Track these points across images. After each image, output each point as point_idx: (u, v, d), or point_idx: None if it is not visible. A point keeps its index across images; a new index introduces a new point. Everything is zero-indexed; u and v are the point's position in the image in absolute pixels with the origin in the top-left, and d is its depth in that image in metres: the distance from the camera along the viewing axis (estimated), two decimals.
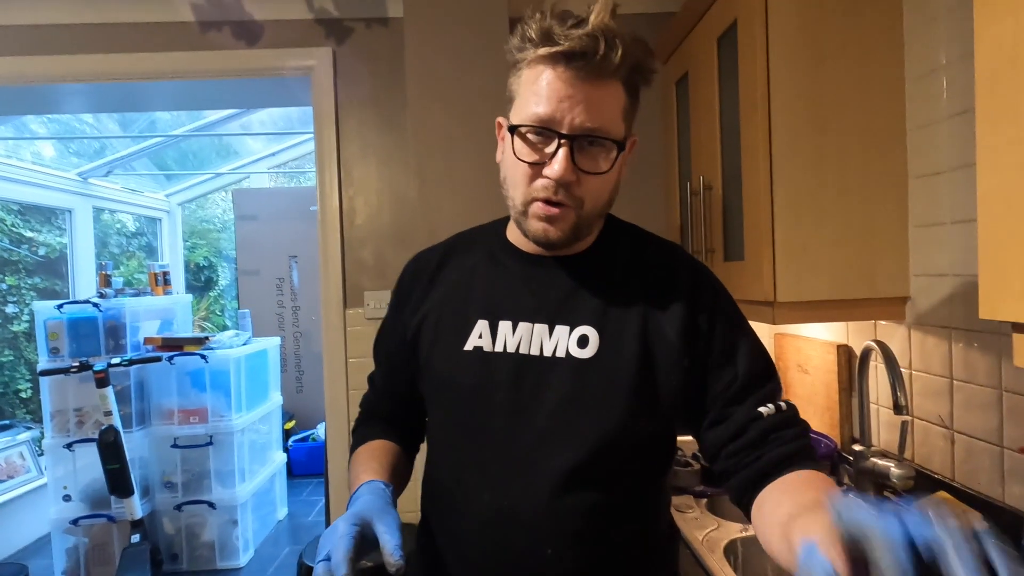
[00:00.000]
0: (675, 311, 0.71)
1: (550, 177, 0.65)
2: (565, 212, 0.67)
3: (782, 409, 0.68)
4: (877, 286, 1.21)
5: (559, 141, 0.64)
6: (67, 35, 1.81)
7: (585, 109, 0.63)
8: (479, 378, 0.72)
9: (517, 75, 0.69)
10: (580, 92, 0.63)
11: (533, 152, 0.66)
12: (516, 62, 0.68)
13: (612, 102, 0.66)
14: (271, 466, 3.25)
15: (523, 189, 0.68)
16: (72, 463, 2.67)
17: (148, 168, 4.49)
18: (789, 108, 1.19)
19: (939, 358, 1.14)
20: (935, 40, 1.12)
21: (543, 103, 0.64)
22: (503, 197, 0.72)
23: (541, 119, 0.64)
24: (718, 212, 1.44)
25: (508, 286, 0.75)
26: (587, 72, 0.63)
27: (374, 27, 1.83)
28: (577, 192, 0.66)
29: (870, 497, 1.21)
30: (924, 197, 1.16)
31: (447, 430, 0.76)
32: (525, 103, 0.66)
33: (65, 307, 2.68)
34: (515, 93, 0.69)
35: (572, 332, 0.70)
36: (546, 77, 0.64)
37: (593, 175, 0.66)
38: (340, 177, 1.85)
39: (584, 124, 0.64)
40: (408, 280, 0.82)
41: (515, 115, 0.68)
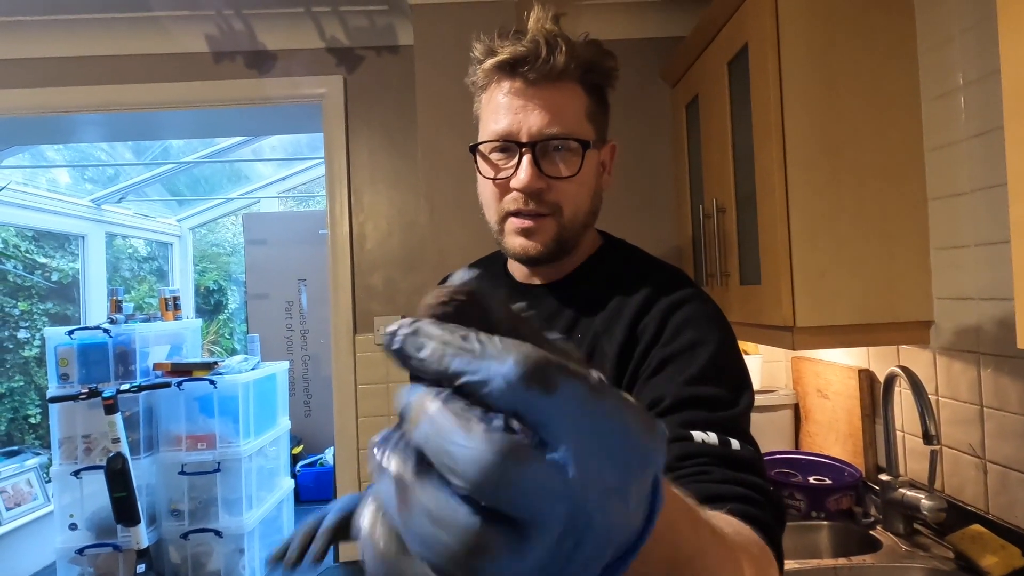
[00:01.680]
0: (621, 327, 0.63)
1: (517, 188, 0.64)
2: (543, 223, 0.65)
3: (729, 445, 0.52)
4: (899, 310, 1.18)
5: (520, 151, 0.63)
6: (83, 67, 1.84)
7: (541, 114, 0.63)
8: None
9: (477, 102, 0.69)
10: (533, 99, 0.63)
11: (499, 167, 0.66)
12: (476, 91, 0.69)
13: (570, 103, 0.64)
14: (279, 492, 3.20)
15: (495, 206, 0.67)
16: (79, 491, 2.64)
17: (160, 194, 4.55)
18: (803, 131, 1.18)
19: (967, 384, 1.10)
20: (951, 61, 1.11)
21: (499, 117, 0.64)
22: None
23: (499, 134, 0.64)
24: (732, 235, 1.42)
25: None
26: (535, 76, 0.62)
27: (384, 55, 1.85)
28: (550, 198, 0.65)
29: (899, 531, 1.17)
30: (945, 219, 1.14)
31: None
32: (485, 123, 0.67)
33: (76, 333, 2.69)
34: (478, 117, 0.70)
35: None
36: (499, 93, 0.65)
37: (562, 179, 0.64)
38: (350, 203, 1.85)
39: (542, 130, 0.63)
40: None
41: (479, 136, 0.69)
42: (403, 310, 1.84)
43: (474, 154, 0.67)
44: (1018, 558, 0.96)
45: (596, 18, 1.86)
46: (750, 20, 1.26)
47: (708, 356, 0.59)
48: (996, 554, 0.97)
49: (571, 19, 2.09)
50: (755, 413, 1.92)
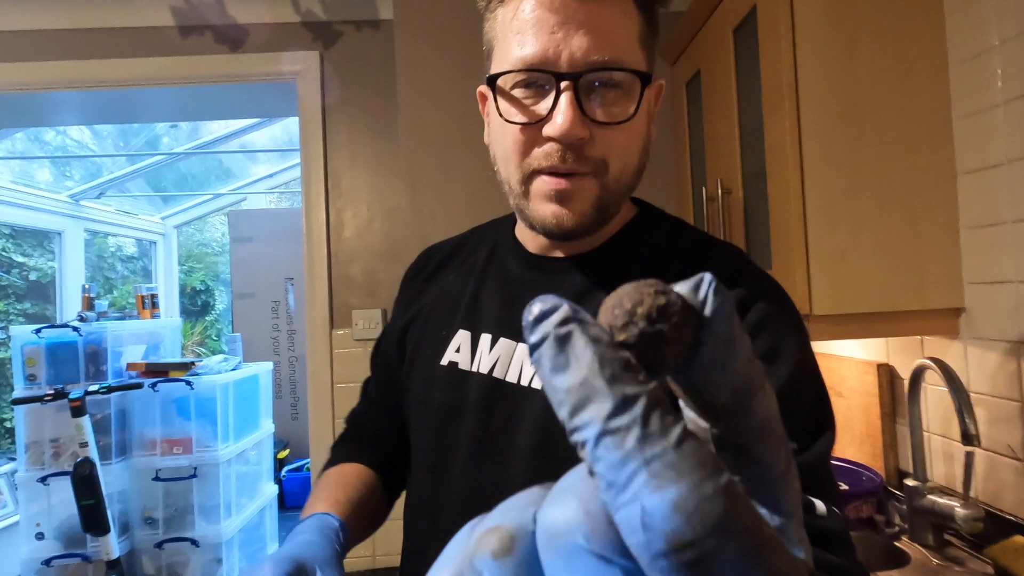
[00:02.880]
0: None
1: (553, 136, 0.47)
2: (581, 184, 0.49)
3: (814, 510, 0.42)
4: (926, 297, 1.06)
5: (558, 85, 0.47)
6: (43, 40, 1.72)
7: (587, 35, 0.46)
8: (448, 401, 0.57)
9: (491, 20, 0.53)
10: (577, 14, 0.46)
11: (527, 108, 0.49)
12: (487, 2, 0.53)
13: (623, 22, 0.48)
14: (261, 499, 3.06)
15: (518, 161, 0.50)
16: (47, 498, 2.50)
17: (143, 190, 4.42)
18: (819, 99, 1.06)
19: (1006, 378, 0.99)
20: (983, 18, 0.99)
21: (528, 39, 0.47)
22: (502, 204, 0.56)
23: (529, 61, 0.47)
24: (739, 218, 1.30)
25: (498, 293, 0.59)
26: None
27: (364, 30, 1.73)
28: (593, 153, 0.48)
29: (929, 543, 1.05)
30: (977, 194, 1.03)
31: (415, 463, 0.62)
32: (506, 48, 0.49)
33: (44, 332, 2.55)
34: (492, 42, 0.53)
35: None
36: (527, 4, 0.47)
37: (613, 125, 0.48)
38: (327, 188, 1.73)
39: (589, 56, 0.46)
40: (410, 275, 0.71)
41: (496, 65, 0.51)
42: (384, 303, 1.72)
43: (492, 89, 0.50)
44: None
45: None
46: None
47: (788, 374, 0.47)
48: None
49: None
50: None
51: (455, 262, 0.67)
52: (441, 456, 0.57)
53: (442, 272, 0.67)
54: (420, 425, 0.61)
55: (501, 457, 0.53)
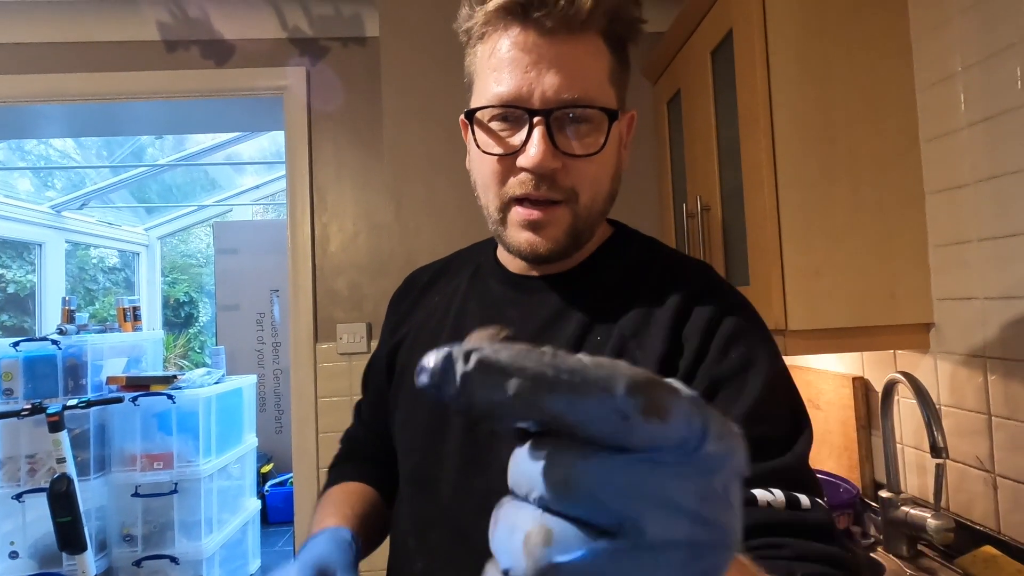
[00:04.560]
0: (659, 333, 0.52)
1: (526, 167, 0.50)
2: (554, 213, 0.52)
3: (800, 505, 0.44)
4: (897, 312, 1.09)
5: (531, 120, 0.50)
6: (30, 55, 1.71)
7: (557, 73, 0.49)
8: (435, 419, 0.58)
9: (471, 56, 0.56)
10: (547, 53, 0.49)
11: (502, 140, 0.52)
12: (468, 39, 0.55)
13: (592, 61, 0.51)
14: (243, 514, 3.02)
15: (495, 190, 0.53)
16: (21, 516, 2.45)
17: (127, 201, 4.38)
18: (792, 121, 1.10)
19: (973, 391, 1.02)
20: (947, 45, 1.04)
21: (504, 76, 0.50)
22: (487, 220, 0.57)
23: (504, 98, 0.50)
24: (718, 234, 1.33)
25: (482, 312, 0.61)
26: (552, 25, 0.49)
27: (350, 46, 1.75)
28: (565, 182, 0.52)
29: (903, 553, 1.07)
30: (944, 213, 1.06)
31: (402, 481, 0.63)
32: (484, 83, 0.52)
33: (21, 345, 2.51)
34: (472, 76, 0.56)
35: None
36: (503, 44, 0.50)
37: (583, 157, 0.51)
38: (313, 203, 1.73)
39: (560, 94, 0.49)
40: (396, 299, 0.73)
41: (474, 101, 0.55)
42: (369, 317, 1.72)
43: (470, 122, 0.54)
44: None
45: None
46: (735, 5, 1.19)
47: (763, 383, 0.49)
48: None
49: None
50: None
51: (439, 284, 0.69)
52: (428, 473, 0.58)
53: (427, 295, 0.69)
54: (407, 444, 0.62)
55: (485, 471, 0.54)
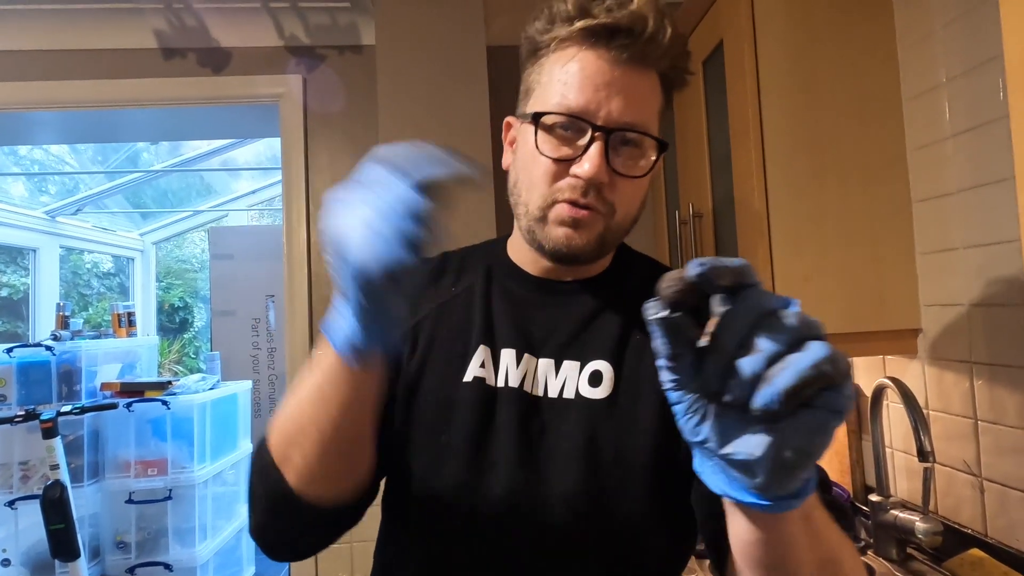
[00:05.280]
0: None
1: (580, 176, 0.54)
2: (593, 217, 0.56)
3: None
4: (885, 318, 1.11)
5: (593, 134, 0.54)
6: (27, 62, 1.72)
7: (625, 99, 0.53)
8: (480, 418, 0.57)
9: (537, 65, 0.58)
10: (621, 79, 0.53)
11: (560, 146, 0.55)
12: (536, 49, 0.58)
13: (651, 95, 0.56)
14: (238, 521, 3.01)
15: (543, 189, 0.56)
16: (14, 523, 2.44)
17: (122, 206, 4.37)
18: (781, 130, 1.12)
19: (960, 396, 1.03)
20: (932, 57, 1.06)
21: (575, 89, 0.54)
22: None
23: (572, 108, 0.54)
24: (710, 241, 1.35)
25: (510, 311, 0.62)
26: (630, 55, 0.53)
27: (347, 54, 1.76)
28: (609, 196, 0.56)
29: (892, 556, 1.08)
30: (931, 221, 1.08)
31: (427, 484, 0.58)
32: (550, 91, 0.56)
33: (15, 351, 2.50)
34: (534, 84, 0.59)
35: (583, 368, 0.58)
36: (580, 59, 0.54)
37: (628, 178, 0.56)
38: (309, 209, 1.74)
39: (623, 117, 0.54)
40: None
41: (538, 105, 0.57)
42: None
43: (534, 123, 0.56)
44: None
45: None
46: (725, 15, 1.21)
47: None
48: None
49: None
50: None
51: (444, 282, 0.66)
52: (474, 475, 0.56)
53: (431, 291, 0.66)
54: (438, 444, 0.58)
55: (543, 470, 0.55)
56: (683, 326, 0.33)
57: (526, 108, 0.60)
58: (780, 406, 0.30)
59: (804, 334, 0.31)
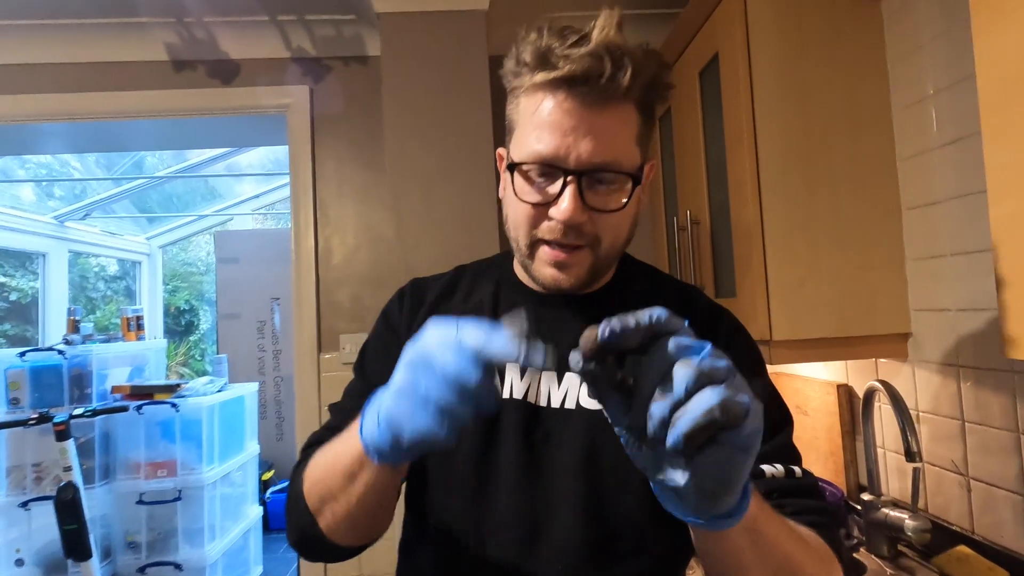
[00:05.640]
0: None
1: (557, 218, 0.57)
2: (578, 255, 0.59)
3: (795, 475, 0.58)
4: (877, 322, 1.15)
5: (565, 178, 0.56)
6: (40, 74, 1.77)
7: (592, 141, 0.56)
8: (486, 427, 0.62)
9: (514, 103, 0.61)
10: (586, 122, 0.55)
11: (537, 191, 0.59)
12: (512, 88, 0.61)
13: (623, 129, 0.57)
14: (245, 521, 3.06)
15: (527, 231, 0.60)
16: (27, 523, 2.48)
17: (129, 211, 4.43)
18: (775, 141, 1.15)
19: (948, 398, 1.07)
20: (921, 69, 1.09)
21: (544, 137, 0.56)
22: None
23: (544, 156, 0.57)
24: (707, 247, 1.38)
25: None
26: (593, 98, 0.55)
27: (352, 65, 1.80)
28: (590, 230, 0.58)
29: (883, 552, 1.12)
30: (920, 229, 1.12)
31: (443, 490, 0.63)
32: (524, 137, 0.59)
33: (28, 355, 2.55)
34: (514, 123, 0.62)
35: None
36: (546, 107, 0.57)
37: (606, 212, 0.58)
38: (316, 217, 1.78)
39: (592, 159, 0.56)
40: (408, 307, 0.71)
41: (515, 150, 0.60)
42: (370, 328, 1.76)
43: (511, 171, 0.60)
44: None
45: None
46: (720, 29, 1.25)
47: (763, 385, 0.63)
48: None
49: None
50: None
51: (457, 296, 0.71)
52: (481, 481, 0.61)
53: (447, 304, 0.70)
54: (450, 454, 0.63)
55: (545, 477, 0.59)
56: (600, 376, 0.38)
57: (509, 144, 0.63)
58: (685, 447, 0.35)
59: (703, 381, 0.35)
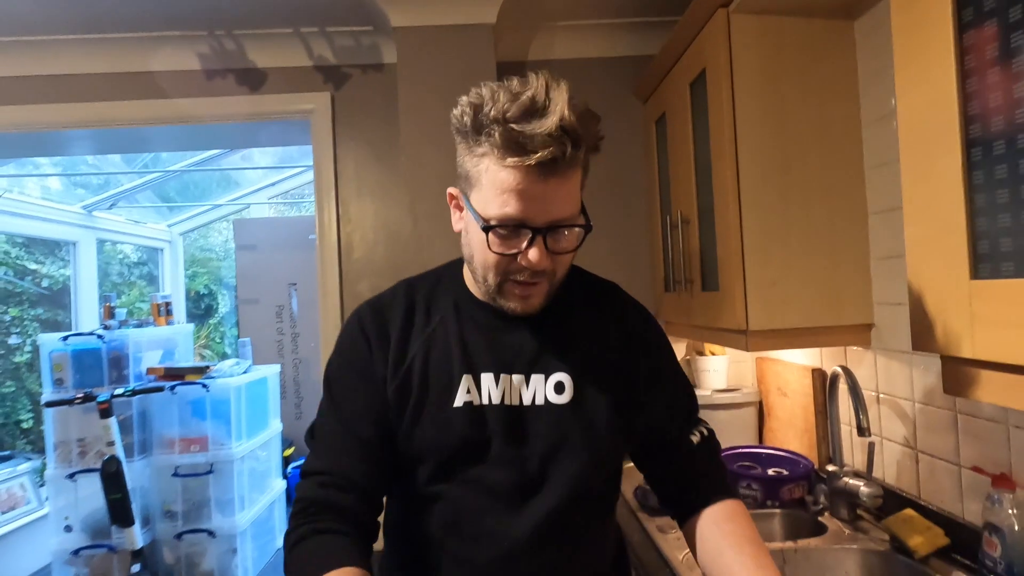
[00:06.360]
0: (628, 348, 0.80)
1: (527, 266, 0.69)
2: (539, 287, 0.72)
3: (704, 436, 0.83)
4: (843, 314, 1.29)
5: (533, 235, 0.67)
6: (78, 84, 1.91)
7: (554, 203, 0.67)
8: (473, 431, 0.73)
9: (475, 160, 0.68)
10: (549, 190, 0.65)
11: (506, 245, 0.69)
12: (470, 145, 0.68)
13: (574, 188, 0.69)
14: (270, 493, 3.27)
15: (496, 271, 0.71)
16: (74, 493, 2.70)
17: (151, 200, 4.60)
18: (755, 151, 1.28)
19: (902, 382, 1.21)
20: (887, 87, 1.21)
21: (512, 202, 0.66)
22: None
23: (513, 217, 0.66)
24: (695, 245, 1.52)
25: (481, 340, 0.77)
26: (553, 172, 0.65)
27: (370, 72, 1.94)
28: (549, 268, 0.71)
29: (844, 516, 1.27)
30: (884, 231, 1.25)
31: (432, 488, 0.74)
32: (493, 198, 0.67)
33: (70, 339, 2.75)
34: (475, 178, 0.69)
35: (548, 380, 0.76)
36: (514, 179, 0.65)
37: (563, 254, 0.71)
38: (338, 214, 1.94)
39: (553, 216, 0.67)
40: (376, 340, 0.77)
41: (483, 207, 0.68)
42: None
43: (485, 232, 0.67)
44: (941, 537, 1.07)
45: (571, 38, 1.95)
46: (707, 47, 1.36)
47: (675, 362, 0.86)
48: (923, 534, 1.07)
49: (546, 39, 2.17)
50: (722, 410, 2.02)
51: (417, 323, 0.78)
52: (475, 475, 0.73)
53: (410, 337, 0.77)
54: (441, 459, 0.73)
55: (525, 463, 0.74)
56: None
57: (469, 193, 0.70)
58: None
59: None
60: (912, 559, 1.06)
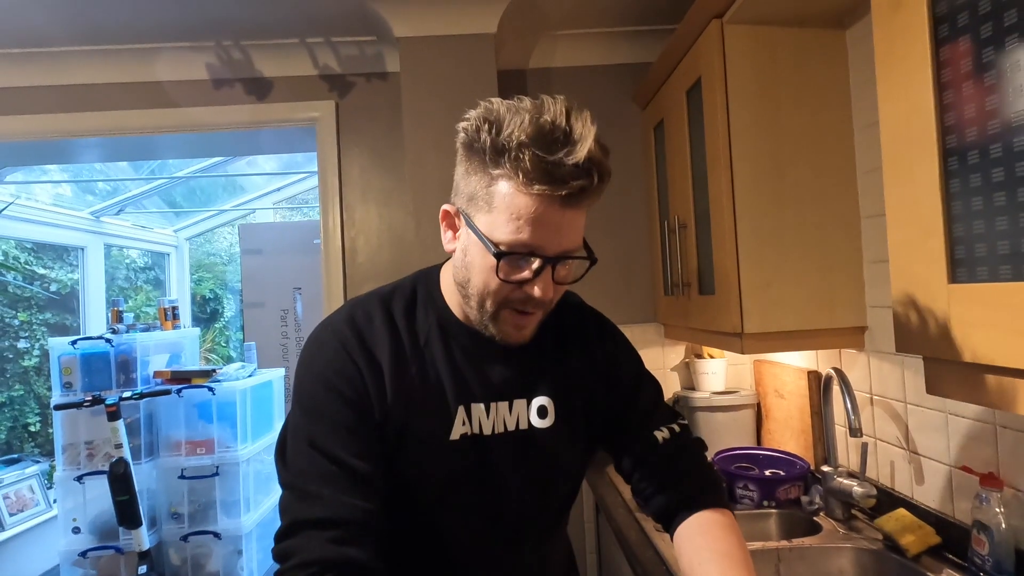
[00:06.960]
0: (595, 361, 0.82)
1: (534, 296, 0.67)
2: (534, 317, 0.71)
3: (675, 432, 0.82)
4: (837, 317, 1.31)
5: (543, 263, 0.66)
6: (89, 94, 1.96)
7: (569, 232, 0.66)
8: (471, 462, 0.74)
9: (485, 180, 0.65)
10: (565, 220, 0.64)
11: (514, 271, 0.67)
12: (485, 163, 0.64)
13: (583, 220, 0.68)
14: (275, 495, 3.30)
15: (496, 297, 0.68)
16: (82, 495, 2.74)
17: (158, 205, 4.65)
18: (749, 157, 1.31)
19: (894, 383, 1.24)
20: (876, 94, 1.24)
21: (528, 231, 0.63)
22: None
23: (527, 244, 0.64)
24: (692, 249, 1.55)
25: (469, 368, 0.75)
26: (578, 203, 0.64)
27: (373, 81, 1.97)
28: (549, 299, 0.69)
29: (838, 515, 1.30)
30: (876, 235, 1.28)
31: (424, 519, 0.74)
32: (504, 223, 0.64)
33: (79, 343, 2.79)
34: (483, 199, 0.65)
35: (530, 404, 0.77)
36: (536, 207, 0.63)
37: (566, 284, 0.70)
38: (343, 219, 1.97)
39: (565, 246, 0.66)
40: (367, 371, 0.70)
41: (489, 230, 0.65)
42: None
43: (497, 259, 0.64)
44: (933, 536, 1.09)
45: (573, 46, 1.99)
46: (702, 56, 1.40)
47: (643, 368, 0.88)
48: (914, 533, 1.10)
49: (547, 48, 2.21)
50: (720, 412, 2.05)
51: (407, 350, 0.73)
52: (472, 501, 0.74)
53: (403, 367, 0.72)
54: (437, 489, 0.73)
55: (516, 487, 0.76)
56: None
57: (472, 212, 0.66)
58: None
59: None
60: (904, 557, 1.08)
